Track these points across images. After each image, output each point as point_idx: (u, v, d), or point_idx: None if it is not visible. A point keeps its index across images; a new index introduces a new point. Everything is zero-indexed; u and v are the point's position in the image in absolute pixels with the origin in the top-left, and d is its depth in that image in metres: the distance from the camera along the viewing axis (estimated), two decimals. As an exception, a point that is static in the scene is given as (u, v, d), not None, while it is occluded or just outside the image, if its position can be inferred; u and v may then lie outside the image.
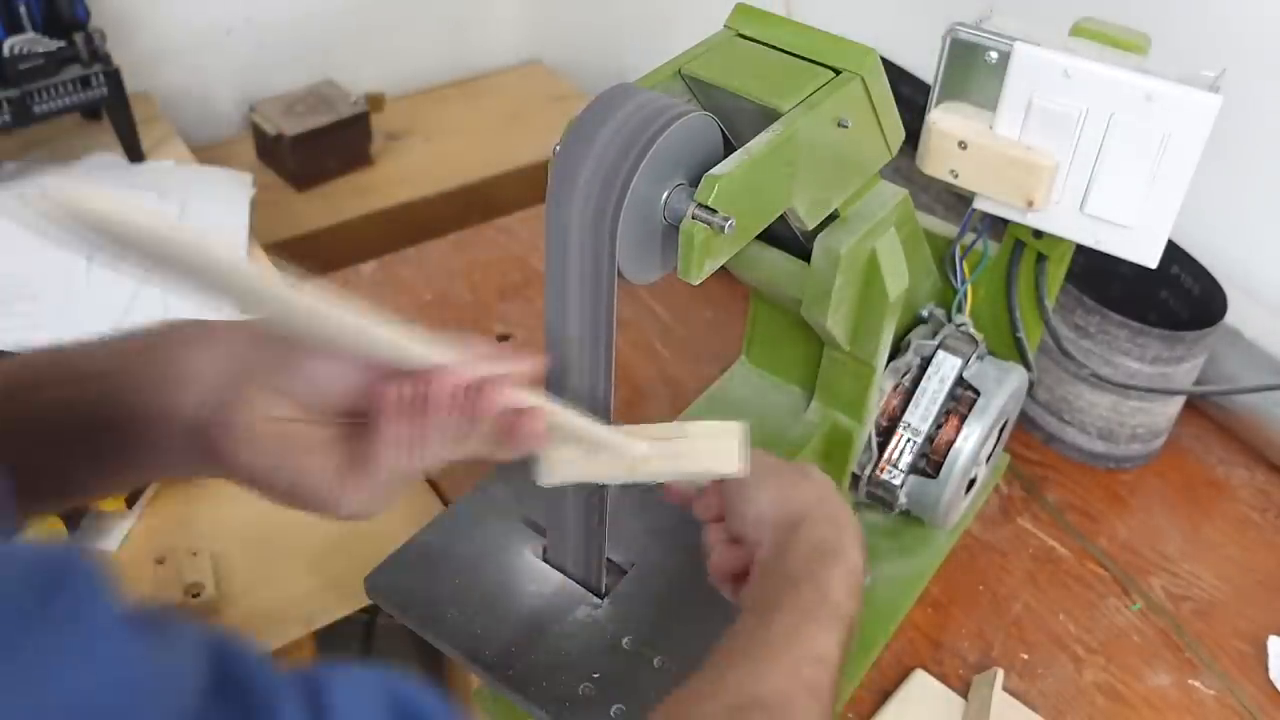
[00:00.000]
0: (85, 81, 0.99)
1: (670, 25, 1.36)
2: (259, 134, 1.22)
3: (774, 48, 0.56)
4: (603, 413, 0.54)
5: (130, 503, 0.76)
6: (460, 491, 0.69)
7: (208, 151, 1.20)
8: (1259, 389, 0.85)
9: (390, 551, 0.65)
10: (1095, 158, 0.62)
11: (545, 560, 0.64)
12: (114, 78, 1.01)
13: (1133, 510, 0.86)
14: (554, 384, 0.53)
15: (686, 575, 0.62)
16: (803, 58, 0.56)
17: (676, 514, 0.62)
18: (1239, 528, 0.85)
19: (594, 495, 0.59)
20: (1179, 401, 0.87)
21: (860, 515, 0.78)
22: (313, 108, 1.22)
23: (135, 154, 1.06)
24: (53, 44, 0.96)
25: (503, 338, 0.98)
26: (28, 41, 0.95)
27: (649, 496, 0.64)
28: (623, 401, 0.91)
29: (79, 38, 0.97)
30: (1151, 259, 0.64)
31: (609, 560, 0.62)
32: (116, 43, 1.03)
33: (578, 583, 0.63)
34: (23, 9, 0.95)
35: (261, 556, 0.76)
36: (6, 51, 0.94)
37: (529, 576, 0.63)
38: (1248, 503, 0.87)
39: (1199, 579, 0.80)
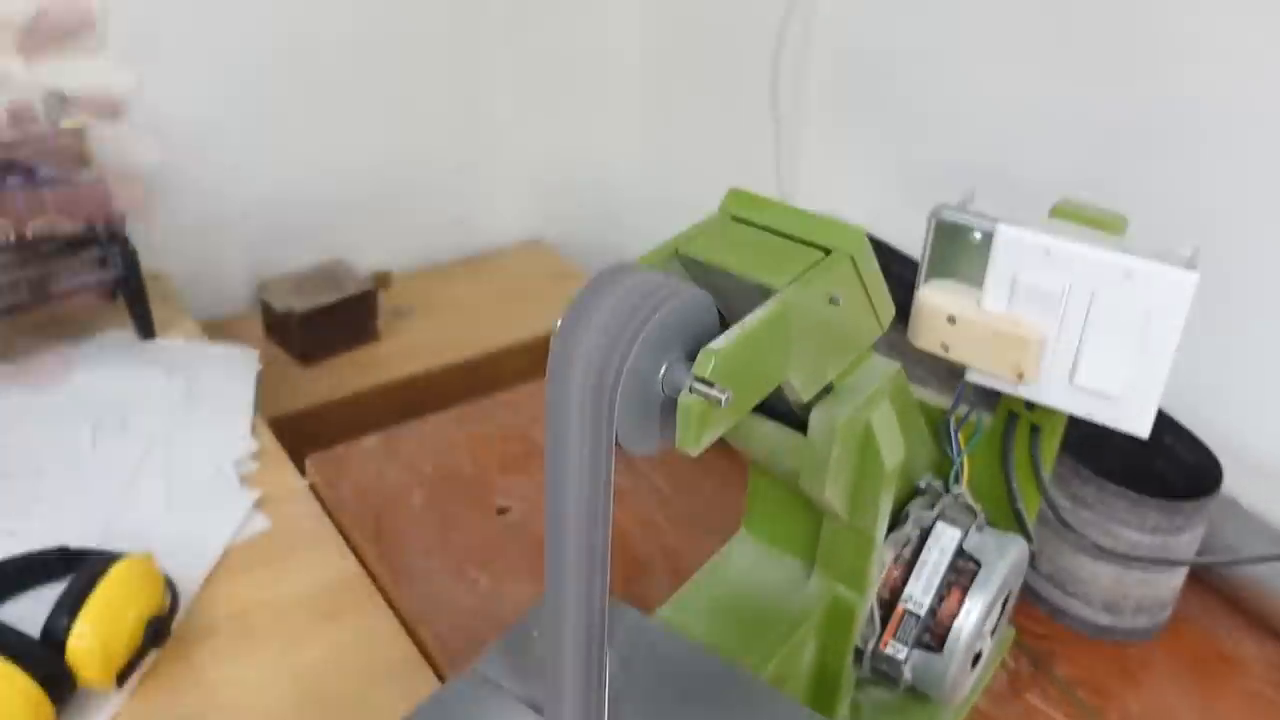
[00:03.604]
0: (103, 262, 1.02)
1: (667, 208, 1.42)
2: (268, 311, 1.25)
3: (767, 229, 0.59)
4: (600, 584, 0.54)
5: (120, 681, 0.74)
6: (457, 669, 0.67)
7: (217, 328, 1.23)
8: (1261, 559, 0.85)
9: (384, 731, 0.64)
10: (1081, 332, 0.64)
11: (543, 740, 0.62)
12: (131, 258, 1.04)
13: (1144, 686, 0.84)
14: (551, 558, 0.53)
15: (688, 755, 0.60)
16: (794, 238, 0.58)
17: (679, 694, 0.61)
18: (1253, 704, 0.83)
19: (594, 673, 0.58)
20: (1182, 573, 0.87)
21: (865, 691, 0.77)
22: (321, 285, 1.26)
23: (147, 331, 1.08)
24: (75, 226, 1.00)
25: (501, 510, 0.98)
26: (51, 223, 0.98)
27: (652, 675, 0.63)
28: (622, 574, 0.91)
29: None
30: (1143, 430, 0.65)
31: (608, 740, 0.61)
32: (131, 222, 1.07)
33: (576, 764, 0.61)
34: (47, 192, 0.99)
35: (251, 737, 0.74)
36: (30, 233, 0.97)
37: (526, 757, 0.62)
38: (1260, 678, 0.85)
39: (1217, 758, 0.78)
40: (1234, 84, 0.88)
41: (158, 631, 0.77)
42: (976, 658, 0.73)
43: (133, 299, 1.07)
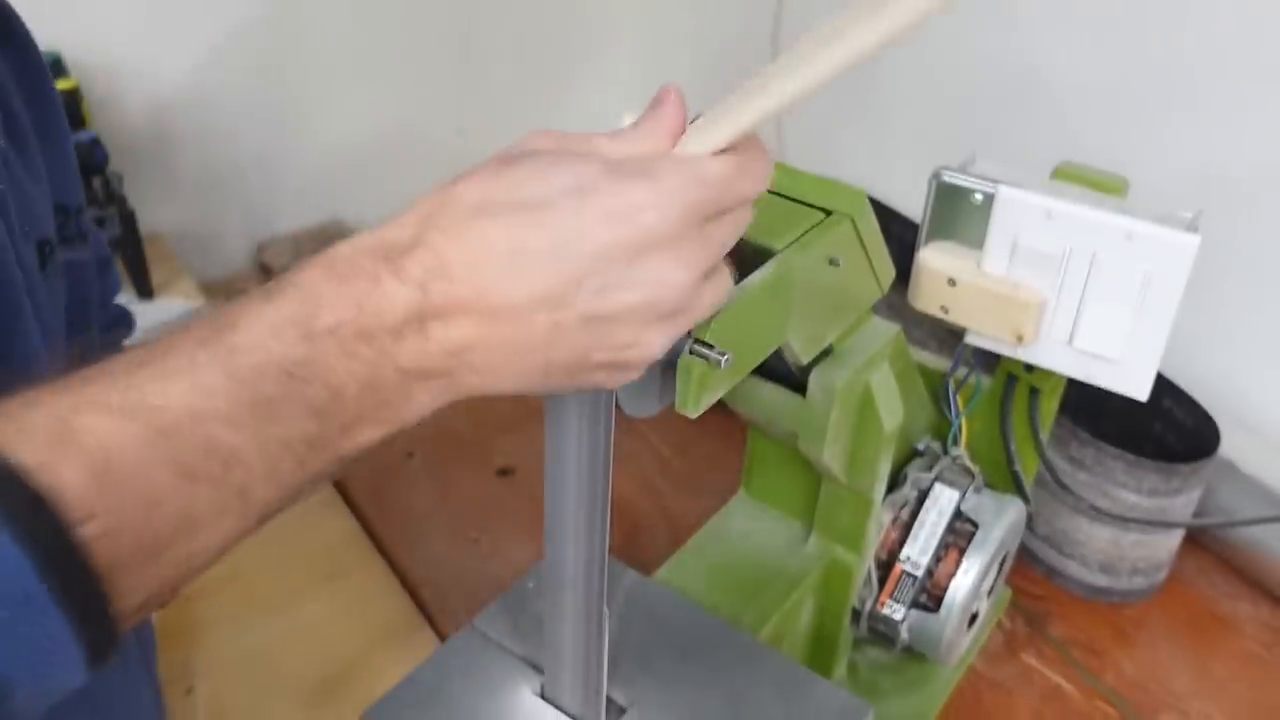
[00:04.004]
0: (100, 222, 1.02)
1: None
2: (267, 272, 1.25)
3: (767, 190, 0.58)
4: (599, 547, 0.54)
5: (124, 639, 0.75)
6: (457, 628, 0.68)
7: (217, 288, 1.22)
8: (1257, 521, 0.85)
9: (386, 690, 0.64)
10: (1081, 294, 0.64)
11: (544, 698, 0.63)
12: (129, 219, 1.04)
13: (1139, 646, 0.84)
14: (551, 519, 0.54)
15: (687, 714, 0.61)
16: (795, 200, 0.58)
17: (677, 653, 0.62)
18: (1247, 664, 0.83)
19: (593, 633, 0.58)
20: (1179, 534, 0.87)
21: (862, 651, 0.78)
22: (320, 247, 1.25)
23: (145, 291, 1.08)
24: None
25: (502, 471, 0.98)
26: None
27: (650, 634, 0.64)
28: (621, 535, 0.91)
29: (97, 181, 1.01)
30: (1141, 393, 0.65)
31: (608, 699, 0.61)
32: (130, 183, 1.07)
33: (576, 721, 0.62)
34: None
35: (255, 695, 0.75)
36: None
37: (527, 715, 0.62)
38: (1254, 638, 0.86)
39: (1209, 717, 0.79)
40: (1237, 47, 0.87)
41: (160, 591, 0.78)
42: (973, 618, 0.73)
43: (131, 259, 1.06)
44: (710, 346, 0.48)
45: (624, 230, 0.38)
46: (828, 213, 0.57)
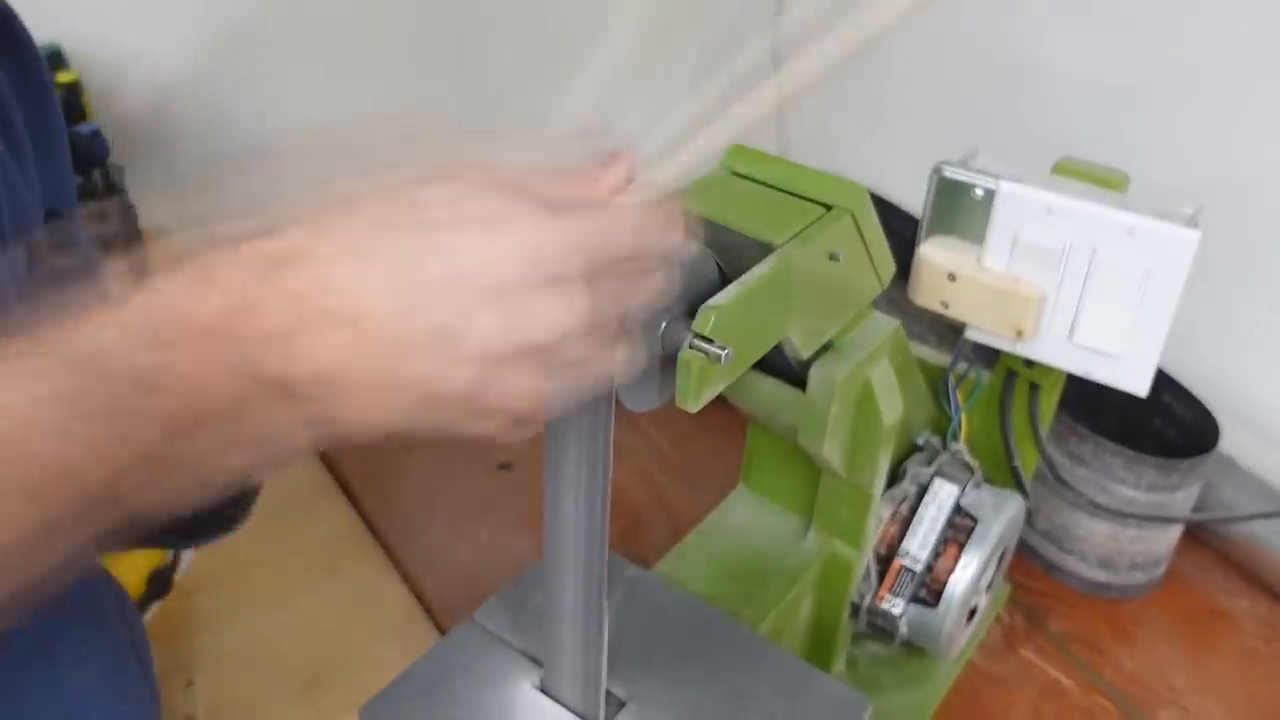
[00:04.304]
0: (100, 216, 1.02)
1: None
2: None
3: (768, 185, 0.58)
4: (599, 541, 0.54)
5: (124, 632, 0.75)
6: (456, 621, 0.68)
7: (216, 282, 1.22)
8: (1256, 516, 0.85)
9: (386, 682, 0.65)
10: (1081, 289, 0.64)
11: (543, 691, 0.63)
12: (129, 212, 1.04)
13: (1137, 641, 0.85)
14: (551, 513, 0.54)
15: (686, 708, 0.61)
16: (795, 194, 0.58)
17: (677, 647, 0.62)
18: (1245, 659, 0.84)
19: (593, 626, 0.58)
20: (1178, 530, 0.87)
21: (861, 646, 0.78)
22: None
23: (145, 284, 1.08)
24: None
25: (503, 465, 0.98)
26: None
27: (650, 628, 0.64)
28: (620, 529, 0.91)
29: (97, 173, 1.01)
30: (1141, 388, 0.65)
31: (608, 693, 0.61)
32: (130, 175, 1.06)
33: (576, 715, 0.62)
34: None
35: (255, 688, 0.75)
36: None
37: (527, 708, 0.63)
38: (1253, 634, 0.86)
39: (1208, 712, 0.79)
40: (1238, 43, 0.87)
41: (161, 584, 0.78)
42: (972, 613, 0.73)
43: (129, 252, 1.06)
44: (710, 341, 0.48)
45: (528, 269, 0.35)
46: (828, 208, 0.57)
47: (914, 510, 0.71)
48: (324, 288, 0.34)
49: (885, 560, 0.72)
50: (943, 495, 0.71)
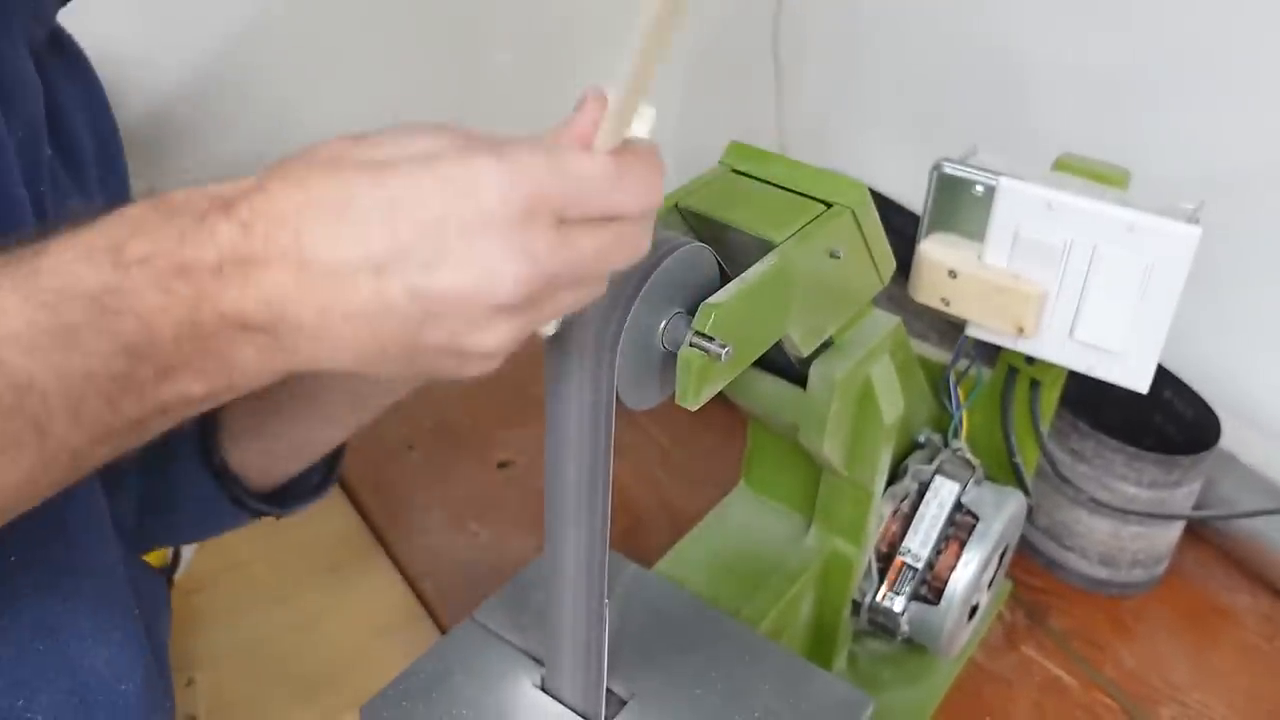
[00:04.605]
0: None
1: (667, 161, 1.41)
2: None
3: (767, 182, 0.58)
4: (599, 539, 0.54)
5: (124, 632, 0.75)
6: (457, 620, 0.68)
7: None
8: (1257, 513, 0.85)
9: (386, 681, 0.65)
10: (1082, 286, 0.64)
11: (544, 690, 0.63)
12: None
13: (1138, 638, 0.84)
14: (552, 511, 0.54)
15: (687, 706, 0.61)
16: (795, 192, 0.58)
17: (677, 646, 0.62)
18: (1246, 656, 0.83)
19: (593, 625, 0.58)
20: (1179, 526, 0.87)
21: (863, 643, 0.78)
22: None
23: (144, 284, 1.08)
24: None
25: (502, 464, 0.98)
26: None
27: (650, 627, 0.64)
28: (621, 528, 0.91)
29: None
30: (1142, 385, 0.65)
31: (609, 691, 0.61)
32: (130, 176, 1.06)
33: (577, 714, 0.62)
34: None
35: (255, 686, 0.75)
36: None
37: (528, 707, 0.62)
38: (1254, 630, 0.86)
39: (1209, 709, 0.79)
40: (1239, 39, 0.87)
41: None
42: (973, 610, 0.73)
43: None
44: (710, 339, 0.48)
45: (462, 203, 0.34)
46: (828, 205, 0.57)
47: (915, 508, 0.71)
48: (270, 221, 0.35)
49: (886, 558, 0.72)
50: (944, 493, 0.71)
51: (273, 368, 0.37)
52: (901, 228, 0.83)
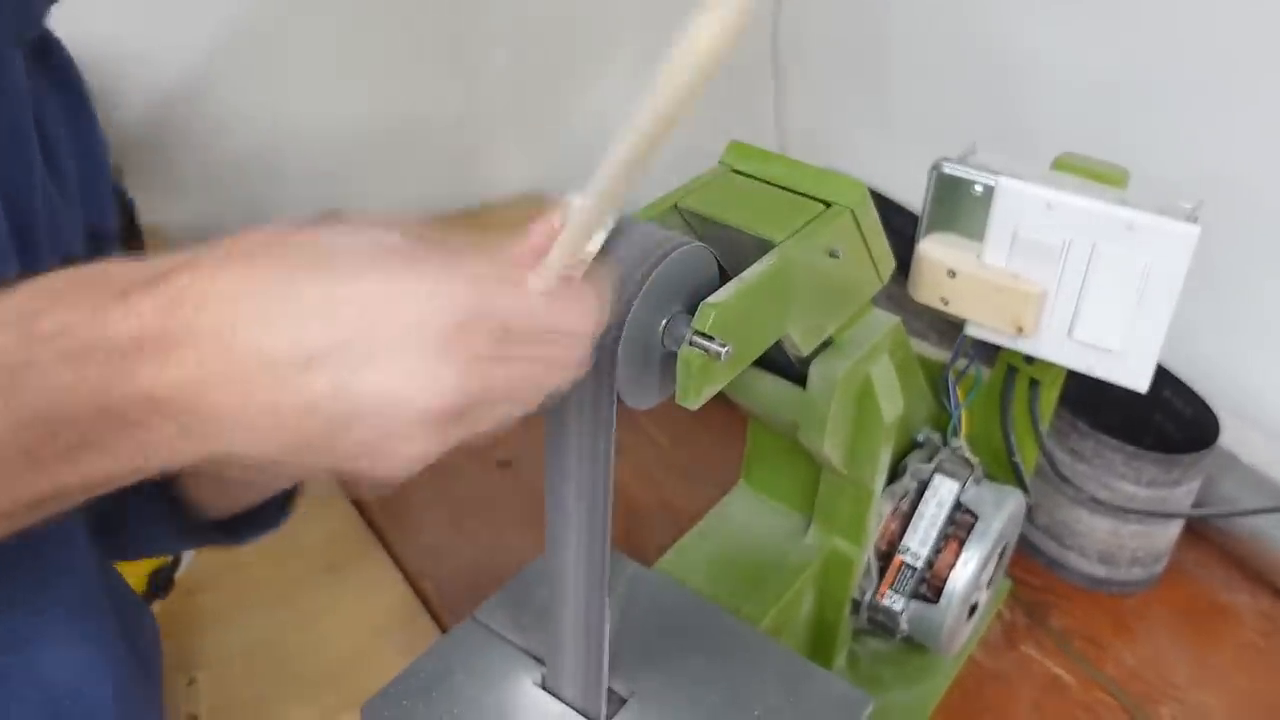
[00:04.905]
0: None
1: (666, 160, 1.41)
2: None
3: (767, 182, 0.58)
4: (600, 538, 0.54)
5: (125, 631, 0.75)
6: (457, 620, 0.68)
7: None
8: (1257, 512, 0.85)
9: (386, 681, 0.65)
10: (1081, 285, 0.64)
11: (545, 689, 0.63)
12: (128, 210, 1.03)
13: (1138, 637, 0.85)
14: (552, 510, 0.54)
15: (687, 705, 0.61)
16: (794, 191, 0.58)
17: (678, 644, 0.62)
18: (1246, 655, 0.84)
19: (594, 624, 0.58)
20: (1178, 525, 0.87)
21: (862, 642, 0.78)
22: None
23: (145, 284, 1.08)
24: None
25: (502, 463, 0.98)
26: (46, 177, 0.98)
27: (651, 625, 0.64)
28: (621, 527, 0.91)
29: (96, 173, 1.00)
30: (1141, 384, 0.65)
31: (609, 690, 0.62)
32: (130, 176, 1.06)
33: (578, 712, 0.62)
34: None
35: (257, 686, 0.75)
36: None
37: (528, 706, 0.63)
38: (1254, 628, 0.86)
39: (1209, 708, 0.79)
40: (1238, 38, 0.87)
41: (161, 583, 0.78)
42: (973, 609, 0.73)
43: (129, 251, 1.06)
44: (710, 338, 0.48)
45: (398, 310, 0.34)
46: (827, 204, 0.57)
47: (914, 507, 0.71)
48: (201, 300, 0.34)
49: (886, 557, 0.72)
50: (943, 491, 0.71)
51: (192, 451, 0.35)
52: (901, 227, 0.83)
